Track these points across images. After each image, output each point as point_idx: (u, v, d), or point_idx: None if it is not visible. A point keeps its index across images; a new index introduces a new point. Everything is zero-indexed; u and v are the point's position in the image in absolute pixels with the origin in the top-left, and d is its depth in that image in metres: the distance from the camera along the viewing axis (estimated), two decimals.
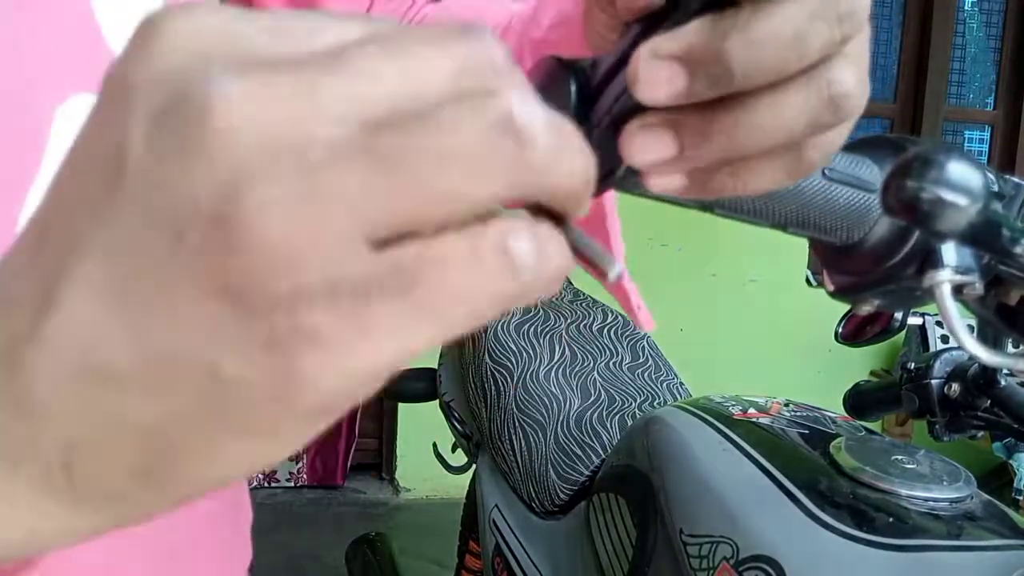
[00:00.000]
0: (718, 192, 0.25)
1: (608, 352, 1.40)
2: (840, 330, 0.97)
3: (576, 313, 1.48)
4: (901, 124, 3.35)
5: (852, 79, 0.23)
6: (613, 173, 0.27)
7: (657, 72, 0.22)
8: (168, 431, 0.17)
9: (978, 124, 3.72)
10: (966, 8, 3.82)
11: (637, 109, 0.24)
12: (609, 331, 1.45)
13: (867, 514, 0.76)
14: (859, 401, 1.00)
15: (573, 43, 0.36)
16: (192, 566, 0.42)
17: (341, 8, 0.52)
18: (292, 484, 3.12)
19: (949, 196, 0.31)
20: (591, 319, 1.47)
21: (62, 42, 0.33)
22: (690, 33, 0.22)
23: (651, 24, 0.24)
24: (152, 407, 0.17)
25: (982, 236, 0.33)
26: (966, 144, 4.29)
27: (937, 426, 0.88)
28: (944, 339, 2.75)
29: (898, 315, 0.90)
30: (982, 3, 3.78)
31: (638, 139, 0.23)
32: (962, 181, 0.31)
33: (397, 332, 0.16)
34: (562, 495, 1.21)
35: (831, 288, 0.40)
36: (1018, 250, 0.35)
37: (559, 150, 0.17)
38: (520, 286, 0.17)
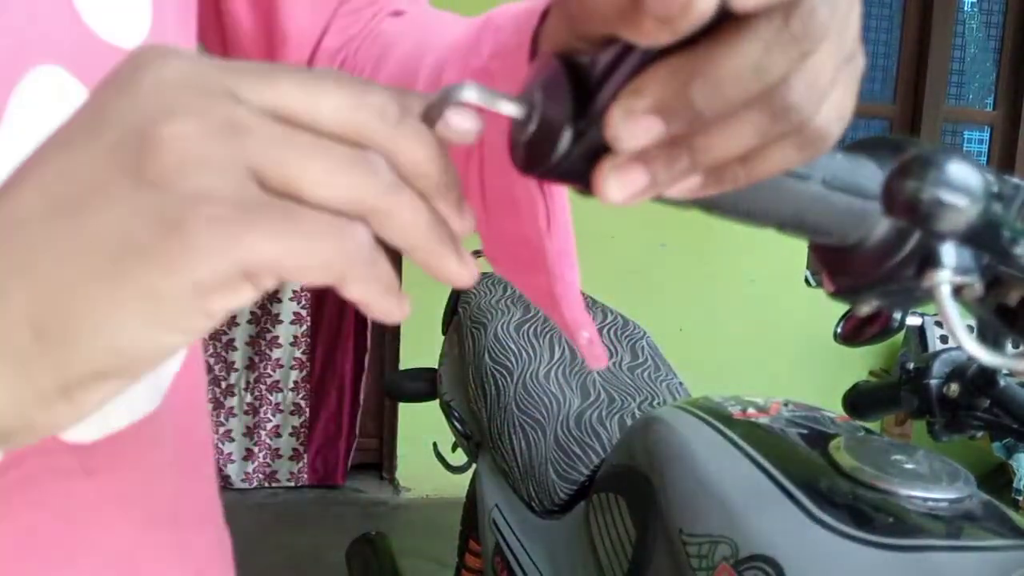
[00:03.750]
0: (732, 183, 0.26)
1: (608, 352, 1.40)
2: (839, 330, 0.97)
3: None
4: (900, 124, 3.35)
5: (800, 93, 0.24)
6: None
7: (634, 127, 0.24)
8: (74, 288, 0.21)
9: (978, 124, 3.72)
10: (966, 8, 3.82)
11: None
12: (609, 331, 1.45)
13: (866, 514, 0.76)
14: (858, 401, 1.00)
15: (514, 73, 0.36)
16: None
17: (304, 12, 0.52)
18: (292, 484, 3.12)
19: (949, 197, 0.31)
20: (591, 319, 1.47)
21: (32, 10, 0.33)
22: (655, 86, 0.23)
23: None
24: (68, 265, 0.22)
25: (982, 237, 0.33)
26: (965, 144, 4.29)
27: (936, 426, 0.89)
28: (943, 339, 2.75)
29: (897, 315, 0.90)
30: (982, 3, 3.78)
31: (612, 181, 0.25)
32: (962, 182, 0.31)
33: (268, 241, 0.21)
34: (562, 495, 1.21)
35: (830, 289, 0.39)
36: (1018, 251, 0.35)
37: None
38: (355, 273, 0.23)
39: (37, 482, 0.32)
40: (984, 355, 0.38)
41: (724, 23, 0.23)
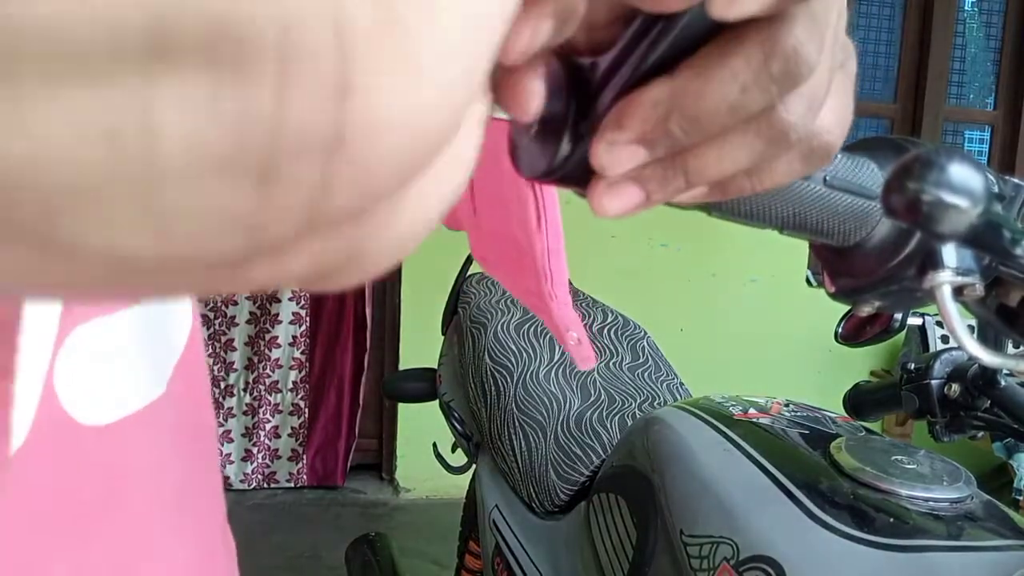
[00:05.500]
0: (738, 192, 0.27)
1: (608, 352, 1.40)
2: (840, 330, 0.97)
3: (576, 313, 1.48)
4: (901, 124, 3.35)
5: (794, 114, 0.24)
6: None
7: (618, 156, 0.24)
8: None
9: (978, 124, 3.72)
10: (966, 8, 3.83)
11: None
12: (609, 331, 1.45)
13: (867, 514, 0.76)
14: (859, 401, 1.00)
15: None
16: None
17: None
18: (292, 485, 3.12)
19: (950, 198, 0.31)
20: (591, 319, 1.47)
21: None
22: (635, 119, 0.24)
23: (648, 22, 0.24)
24: None
25: (983, 238, 0.33)
26: (966, 144, 4.29)
27: (937, 427, 0.88)
28: (944, 339, 2.75)
29: (898, 315, 0.90)
30: (982, 3, 3.79)
31: (606, 198, 0.26)
32: (964, 183, 0.31)
33: None
34: (562, 495, 1.21)
35: (831, 289, 0.40)
36: (1019, 251, 0.35)
37: None
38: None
39: (62, 464, 0.33)
40: (984, 355, 0.38)
41: (710, 45, 0.23)
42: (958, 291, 0.36)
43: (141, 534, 0.37)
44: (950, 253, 0.35)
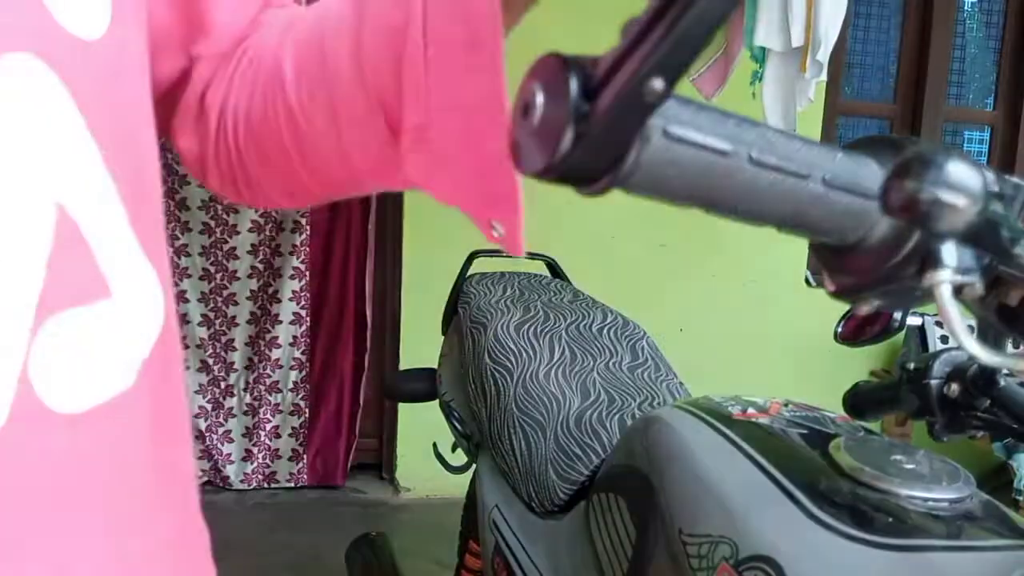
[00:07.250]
0: None
1: (608, 352, 1.40)
2: (839, 330, 0.97)
3: (576, 313, 1.48)
4: (901, 124, 3.35)
5: None
6: (614, 170, 0.27)
7: None
8: None
9: (978, 124, 3.72)
10: (966, 8, 3.83)
11: (640, 109, 0.24)
12: (609, 331, 1.45)
13: (867, 514, 0.76)
14: (859, 401, 0.99)
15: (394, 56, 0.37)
16: None
17: (230, 6, 0.51)
18: (292, 485, 3.12)
19: (948, 196, 0.31)
20: (591, 319, 1.47)
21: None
22: None
23: (650, 23, 0.24)
24: None
25: (982, 236, 0.33)
26: (965, 145, 4.29)
27: (936, 426, 0.88)
28: (944, 339, 2.75)
29: (897, 315, 0.90)
30: (982, 3, 3.79)
31: None
32: (961, 181, 0.31)
33: None
34: (562, 495, 1.21)
35: (831, 288, 0.40)
36: (1018, 250, 0.35)
37: None
38: None
39: (36, 451, 0.33)
40: (984, 355, 0.38)
41: None
42: (957, 290, 0.36)
43: (111, 522, 0.37)
44: (950, 252, 0.35)
